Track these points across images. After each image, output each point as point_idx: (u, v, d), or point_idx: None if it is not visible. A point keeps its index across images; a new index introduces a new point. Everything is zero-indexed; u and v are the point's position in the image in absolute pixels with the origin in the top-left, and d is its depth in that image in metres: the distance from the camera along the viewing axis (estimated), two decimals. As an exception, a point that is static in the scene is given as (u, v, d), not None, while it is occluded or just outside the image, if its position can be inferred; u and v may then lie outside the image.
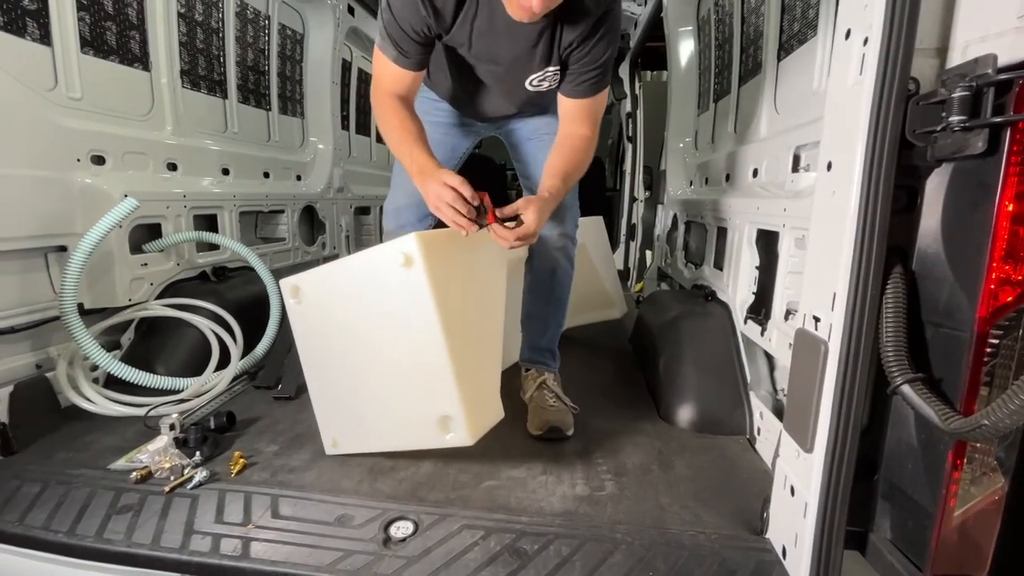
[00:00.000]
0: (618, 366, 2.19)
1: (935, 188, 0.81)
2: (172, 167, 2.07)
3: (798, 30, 1.64)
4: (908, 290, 0.82)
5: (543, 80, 1.35)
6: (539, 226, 1.22)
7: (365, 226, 3.77)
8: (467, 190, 1.16)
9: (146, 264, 1.87)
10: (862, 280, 0.82)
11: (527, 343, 1.72)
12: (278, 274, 1.88)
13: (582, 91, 1.33)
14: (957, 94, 0.70)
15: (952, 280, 0.77)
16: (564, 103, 1.37)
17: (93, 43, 1.76)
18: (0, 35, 1.47)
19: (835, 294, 0.86)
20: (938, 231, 0.81)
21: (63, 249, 1.60)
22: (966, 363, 0.74)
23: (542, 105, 1.51)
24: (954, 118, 0.71)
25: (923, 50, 0.80)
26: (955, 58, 0.79)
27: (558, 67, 1.32)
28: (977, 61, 0.70)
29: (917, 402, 0.76)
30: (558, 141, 1.38)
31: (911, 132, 0.79)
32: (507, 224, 1.21)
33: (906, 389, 0.77)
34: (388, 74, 1.31)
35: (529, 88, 1.38)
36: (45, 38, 1.60)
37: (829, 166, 0.92)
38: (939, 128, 0.74)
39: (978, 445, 0.77)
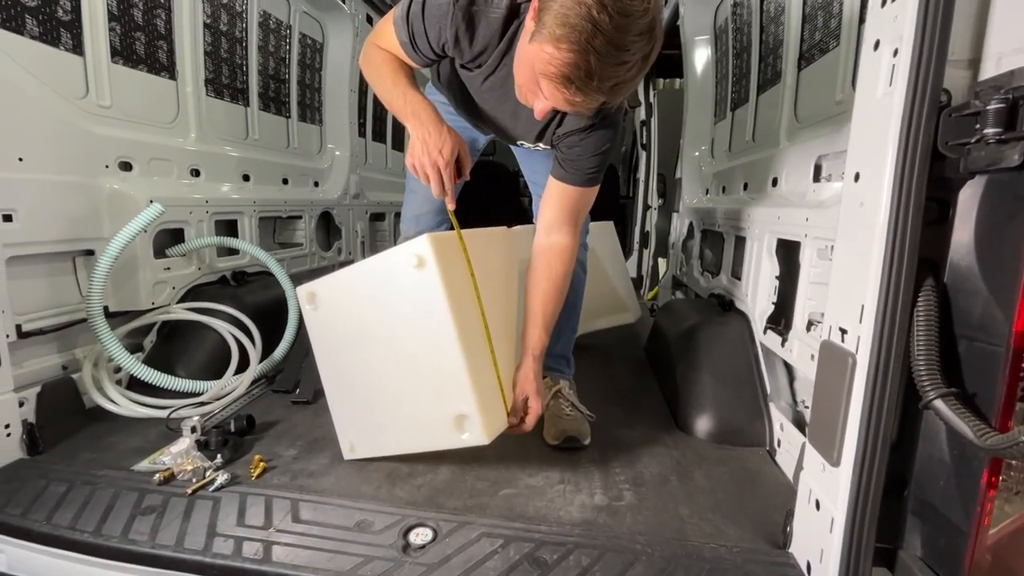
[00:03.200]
0: (633, 374, 2.18)
1: (968, 200, 0.80)
2: (195, 173, 2.11)
3: (820, 40, 1.63)
4: (940, 303, 0.81)
5: (535, 146, 1.38)
6: (542, 401, 1.32)
7: (380, 232, 3.80)
8: (466, 162, 1.21)
9: (169, 268, 1.90)
10: (892, 292, 0.81)
11: (542, 350, 1.72)
12: (295, 279, 1.91)
13: (574, 179, 1.30)
14: (992, 106, 0.70)
15: (986, 293, 0.76)
16: (550, 191, 1.33)
17: (123, 53, 1.81)
18: (36, 45, 1.52)
19: (863, 306, 0.85)
20: (971, 243, 0.79)
21: (90, 253, 1.63)
22: (1001, 378, 0.72)
23: None
24: (989, 130, 0.70)
25: (955, 61, 0.79)
26: (988, 70, 0.78)
27: (549, 147, 1.35)
28: (1013, 73, 0.70)
29: (951, 417, 0.75)
30: (534, 258, 1.35)
31: (943, 144, 0.79)
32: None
33: (939, 404, 0.76)
34: (389, 45, 1.23)
35: (522, 144, 1.42)
36: (77, 48, 1.65)
37: (856, 177, 0.91)
38: (973, 140, 0.74)
39: (1013, 463, 0.75)
